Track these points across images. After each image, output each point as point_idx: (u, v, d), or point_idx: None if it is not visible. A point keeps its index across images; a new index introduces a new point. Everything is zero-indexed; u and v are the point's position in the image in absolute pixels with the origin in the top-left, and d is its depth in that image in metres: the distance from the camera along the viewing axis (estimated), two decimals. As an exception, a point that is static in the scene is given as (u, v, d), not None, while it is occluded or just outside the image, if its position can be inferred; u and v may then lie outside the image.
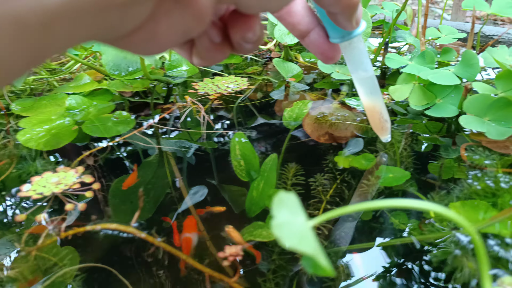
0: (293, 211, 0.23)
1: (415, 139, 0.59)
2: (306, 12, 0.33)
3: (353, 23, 0.30)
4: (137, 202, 0.49)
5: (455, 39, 0.85)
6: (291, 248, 0.19)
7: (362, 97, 0.50)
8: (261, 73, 0.93)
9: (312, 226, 0.22)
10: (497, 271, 0.35)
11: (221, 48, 0.25)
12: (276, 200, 0.22)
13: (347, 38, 0.35)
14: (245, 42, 0.25)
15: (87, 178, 0.53)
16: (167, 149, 0.61)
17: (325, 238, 0.43)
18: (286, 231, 0.20)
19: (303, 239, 0.20)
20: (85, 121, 0.69)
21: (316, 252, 0.20)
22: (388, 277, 0.37)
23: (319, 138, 0.61)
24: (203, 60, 0.26)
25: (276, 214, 0.22)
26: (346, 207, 0.23)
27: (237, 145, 0.60)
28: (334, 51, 0.34)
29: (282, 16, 0.33)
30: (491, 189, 0.46)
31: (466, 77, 0.60)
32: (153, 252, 0.41)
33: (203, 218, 0.46)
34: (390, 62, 0.72)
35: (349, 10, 0.28)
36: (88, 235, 0.44)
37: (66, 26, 0.16)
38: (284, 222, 0.21)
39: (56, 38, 0.16)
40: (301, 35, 0.33)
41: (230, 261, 0.39)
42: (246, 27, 0.24)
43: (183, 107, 0.74)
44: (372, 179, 0.51)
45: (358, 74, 0.45)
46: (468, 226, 0.20)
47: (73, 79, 0.88)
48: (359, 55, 0.42)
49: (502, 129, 0.55)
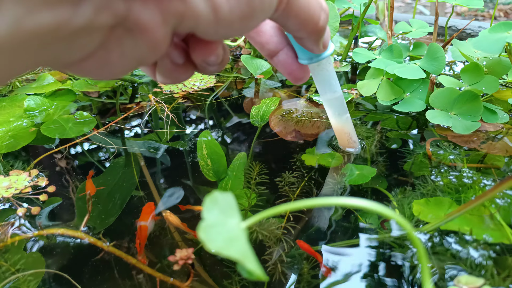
0: (226, 212, 0.21)
1: (385, 135, 0.58)
2: (275, 32, 0.32)
3: (320, 47, 0.30)
4: (104, 205, 0.46)
5: (425, 33, 0.84)
6: (217, 252, 0.17)
7: (331, 118, 0.49)
8: (231, 70, 0.92)
9: (245, 227, 0.21)
10: (456, 269, 0.34)
11: (184, 69, 0.24)
12: (208, 200, 0.21)
13: (316, 60, 0.34)
14: (207, 65, 0.24)
15: (42, 181, 0.50)
16: (133, 150, 0.58)
17: (294, 239, 0.41)
18: (213, 234, 0.19)
19: (232, 243, 0.18)
20: (44, 122, 0.66)
21: (245, 256, 0.18)
22: (345, 278, 0.35)
23: (286, 136, 0.60)
24: (167, 79, 0.25)
25: (206, 215, 0.20)
26: (279, 207, 0.21)
27: (203, 144, 0.58)
28: (303, 72, 0.34)
29: (250, 35, 0.32)
30: (454, 185, 0.45)
31: (432, 71, 0.59)
32: (102, 256, 0.39)
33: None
34: (357, 56, 0.70)
35: (315, 35, 0.28)
36: (41, 240, 0.41)
37: (6, 58, 0.15)
38: (213, 224, 0.19)
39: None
40: (269, 54, 0.33)
41: (180, 265, 0.37)
42: (207, 52, 0.23)
43: (147, 106, 0.71)
44: (337, 177, 0.49)
45: (327, 95, 0.44)
46: (404, 223, 0.18)
47: (36, 80, 0.85)
48: (327, 76, 0.41)
49: (468, 123, 0.54)
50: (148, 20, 0.17)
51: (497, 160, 0.50)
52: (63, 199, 0.48)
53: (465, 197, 0.43)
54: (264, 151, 0.57)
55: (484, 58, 0.63)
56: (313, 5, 0.25)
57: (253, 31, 0.32)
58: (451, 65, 0.85)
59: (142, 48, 0.18)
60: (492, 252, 0.36)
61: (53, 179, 0.52)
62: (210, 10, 0.18)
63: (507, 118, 0.58)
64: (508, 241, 0.36)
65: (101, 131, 0.64)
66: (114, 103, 0.77)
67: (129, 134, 0.64)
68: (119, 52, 0.18)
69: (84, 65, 0.18)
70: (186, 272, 0.37)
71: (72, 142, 0.61)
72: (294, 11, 0.24)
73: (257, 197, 0.47)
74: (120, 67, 0.19)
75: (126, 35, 0.18)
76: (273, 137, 0.60)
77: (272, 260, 0.38)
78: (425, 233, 0.38)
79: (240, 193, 0.48)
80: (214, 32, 0.20)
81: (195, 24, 0.19)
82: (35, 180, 0.51)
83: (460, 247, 0.37)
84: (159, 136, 0.62)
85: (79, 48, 0.17)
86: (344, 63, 0.88)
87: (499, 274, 0.33)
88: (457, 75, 0.78)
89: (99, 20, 0.16)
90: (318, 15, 0.26)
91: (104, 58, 0.18)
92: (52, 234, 0.41)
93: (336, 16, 0.73)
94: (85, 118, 0.67)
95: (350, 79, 0.83)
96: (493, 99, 0.66)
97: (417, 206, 0.42)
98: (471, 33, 1.00)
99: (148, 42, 0.18)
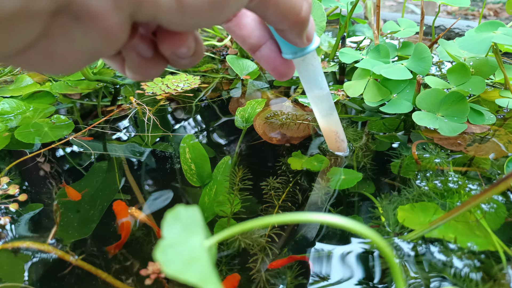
0: (189, 228, 0.19)
1: (372, 137, 0.57)
2: (257, 25, 0.31)
3: (303, 40, 0.28)
4: (85, 212, 0.45)
5: (413, 33, 0.83)
6: (173, 277, 0.16)
7: (318, 117, 0.47)
8: (218, 71, 0.90)
9: (209, 246, 0.19)
10: (440, 280, 0.33)
11: (153, 63, 0.22)
12: (169, 215, 0.19)
13: (300, 54, 0.33)
14: (178, 58, 0.22)
15: (12, 189, 0.48)
16: (116, 154, 0.57)
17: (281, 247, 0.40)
18: (171, 255, 0.17)
19: (192, 264, 0.17)
20: (18, 126, 0.64)
21: (205, 280, 0.16)
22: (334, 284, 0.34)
23: (271, 139, 0.58)
24: (136, 75, 0.23)
25: (166, 233, 0.18)
26: (247, 223, 0.20)
27: (187, 148, 0.56)
28: (287, 67, 0.32)
29: (230, 28, 0.31)
30: (440, 190, 0.44)
31: (419, 71, 0.58)
32: (71, 270, 0.37)
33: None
34: (344, 56, 0.69)
35: (297, 27, 0.26)
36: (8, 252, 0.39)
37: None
38: (173, 243, 0.18)
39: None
40: (251, 48, 0.31)
41: (152, 279, 0.35)
42: (176, 44, 0.21)
43: (129, 109, 0.70)
44: (322, 182, 0.48)
45: (313, 92, 0.42)
46: (373, 236, 0.17)
47: (14, 81, 0.82)
48: (313, 72, 0.39)
49: (454, 125, 0.53)
50: (97, 6, 0.16)
51: (483, 162, 0.49)
52: (44, 207, 0.47)
53: (451, 202, 0.41)
54: (249, 154, 0.56)
55: (471, 58, 0.62)
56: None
57: (233, 24, 0.30)
58: (439, 65, 0.84)
59: (94, 38, 0.17)
60: (477, 262, 0.35)
61: (29, 186, 0.50)
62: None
63: (494, 119, 0.57)
64: (493, 248, 0.35)
65: (79, 135, 0.62)
66: (97, 106, 0.75)
67: (112, 137, 0.62)
68: (67, 43, 0.17)
69: (28, 56, 0.17)
70: (160, 285, 0.36)
71: (48, 147, 0.59)
72: (273, 1, 0.22)
73: (241, 203, 0.45)
74: (71, 60, 0.18)
75: (73, 23, 0.16)
76: (258, 140, 0.59)
77: (256, 268, 0.37)
78: (409, 242, 0.37)
79: (224, 199, 0.46)
80: (180, 22, 0.18)
81: (156, 12, 0.17)
82: (4, 189, 0.49)
83: (445, 256, 0.36)
84: (142, 139, 0.61)
85: (16, 37, 0.15)
86: (332, 63, 0.86)
87: (484, 283, 0.32)
88: (444, 75, 0.77)
89: (36, 5, 0.14)
90: (299, 5, 0.24)
91: (49, 49, 0.17)
92: (18, 247, 0.39)
93: (323, 15, 0.71)
94: (63, 122, 0.65)
95: (338, 79, 0.81)
96: (480, 100, 0.65)
97: (402, 212, 0.41)
98: (460, 32, 0.99)
99: (100, 32, 0.17)
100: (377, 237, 0.18)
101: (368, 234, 0.18)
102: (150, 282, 0.35)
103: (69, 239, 0.41)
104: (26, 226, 0.43)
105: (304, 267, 0.36)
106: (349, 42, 1.01)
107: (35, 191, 0.49)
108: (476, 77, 0.57)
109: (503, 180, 0.27)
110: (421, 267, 0.35)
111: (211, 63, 0.96)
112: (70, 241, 0.41)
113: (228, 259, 0.38)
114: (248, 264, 0.37)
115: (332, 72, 0.84)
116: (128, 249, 0.40)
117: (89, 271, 0.37)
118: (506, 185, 0.27)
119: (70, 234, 0.42)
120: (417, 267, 0.34)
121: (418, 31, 0.80)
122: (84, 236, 0.42)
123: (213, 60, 0.98)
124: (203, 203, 0.46)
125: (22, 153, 0.58)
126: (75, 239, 0.41)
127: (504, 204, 0.41)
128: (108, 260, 0.38)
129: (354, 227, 0.18)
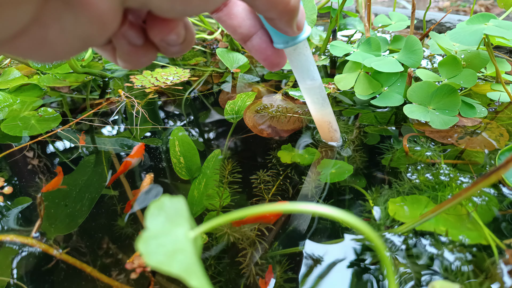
0: (173, 220, 0.19)
1: (363, 130, 0.57)
2: (248, 15, 0.30)
3: (293, 29, 0.28)
4: (72, 205, 0.44)
5: (404, 26, 0.83)
6: (156, 268, 0.15)
7: (311, 107, 0.46)
8: (208, 64, 0.89)
9: (194, 237, 0.18)
10: (431, 274, 0.33)
11: (144, 51, 0.22)
12: (152, 206, 0.18)
13: (292, 43, 0.32)
14: (168, 45, 0.22)
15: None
16: (105, 148, 0.55)
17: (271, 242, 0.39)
18: (154, 246, 0.16)
19: (176, 255, 0.16)
20: (5, 119, 0.63)
21: (189, 272, 0.16)
22: (317, 279, 0.34)
23: (262, 132, 0.58)
24: (127, 63, 0.23)
25: (149, 224, 0.18)
26: (229, 215, 0.19)
27: (176, 141, 0.55)
28: (279, 57, 0.32)
29: (221, 18, 0.30)
30: (431, 182, 0.44)
31: (410, 64, 0.58)
32: (54, 264, 0.36)
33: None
34: (334, 49, 0.68)
35: (287, 15, 0.25)
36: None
37: None
38: (156, 234, 0.17)
39: None
40: (242, 38, 0.31)
41: (138, 273, 0.35)
42: (166, 30, 0.21)
43: (117, 102, 0.68)
44: (312, 175, 0.47)
45: (306, 83, 0.42)
46: (364, 228, 0.17)
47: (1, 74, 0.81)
48: (305, 61, 0.39)
49: (446, 117, 0.53)
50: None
51: (475, 155, 0.49)
52: (31, 200, 0.46)
53: (442, 195, 0.41)
54: (239, 147, 0.55)
55: (462, 51, 0.61)
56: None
57: (223, 13, 0.30)
58: (430, 59, 0.84)
59: (85, 24, 0.16)
60: (469, 254, 0.34)
61: (16, 179, 0.49)
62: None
63: (486, 112, 0.57)
64: (485, 241, 0.35)
65: (66, 128, 0.60)
66: (85, 99, 0.74)
67: (100, 131, 0.61)
68: (58, 29, 0.16)
69: (19, 43, 0.16)
70: (147, 278, 0.35)
71: (35, 140, 0.57)
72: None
73: (230, 197, 0.45)
74: (63, 47, 0.17)
75: (64, 8, 0.16)
76: (248, 133, 0.58)
77: (246, 262, 0.36)
78: (400, 235, 0.36)
79: (213, 193, 0.46)
80: (170, 8, 0.18)
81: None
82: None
83: (436, 249, 0.35)
84: (131, 133, 0.60)
85: (8, 23, 0.15)
86: (323, 56, 0.86)
87: (476, 277, 0.32)
88: (436, 69, 0.77)
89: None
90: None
91: (41, 35, 0.16)
92: (1, 241, 0.38)
93: (313, 8, 0.71)
94: (50, 115, 0.63)
95: (329, 73, 0.81)
96: (471, 93, 0.65)
97: (393, 206, 0.40)
98: (451, 26, 0.99)
99: (91, 17, 0.16)
100: (368, 230, 0.18)
101: (358, 226, 0.18)
102: (135, 276, 0.34)
103: (54, 233, 0.40)
104: (13, 219, 0.42)
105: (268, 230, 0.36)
106: (340, 35, 1.01)
107: (22, 184, 0.48)
108: (467, 70, 0.57)
109: (494, 172, 0.27)
110: (412, 261, 0.34)
111: (201, 56, 0.95)
112: (55, 235, 0.40)
113: (218, 253, 0.38)
114: (238, 258, 0.37)
115: (323, 66, 0.84)
116: (116, 243, 0.39)
117: (74, 265, 0.36)
118: (498, 176, 0.27)
119: (57, 228, 0.41)
120: (408, 260, 0.34)
121: (409, 24, 0.79)
122: (71, 231, 0.41)
123: (204, 54, 0.97)
124: (192, 197, 0.46)
125: (9, 146, 0.57)
126: (61, 233, 0.40)
127: (495, 197, 0.41)
128: (95, 254, 0.37)
129: (344, 218, 0.18)
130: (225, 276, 0.35)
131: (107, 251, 0.38)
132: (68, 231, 0.40)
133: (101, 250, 0.38)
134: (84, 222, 0.42)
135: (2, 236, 0.38)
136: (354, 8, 1.03)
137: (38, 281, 0.35)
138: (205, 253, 0.37)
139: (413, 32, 0.60)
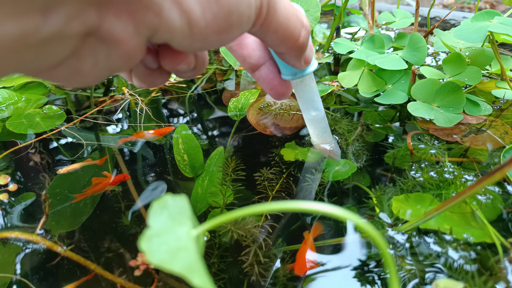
0: (176, 218, 0.19)
1: (367, 128, 0.56)
2: (258, 46, 0.31)
3: (301, 63, 0.29)
4: (81, 202, 0.44)
5: (409, 23, 0.83)
6: (158, 266, 0.15)
7: (313, 137, 0.47)
8: (212, 62, 0.89)
9: (197, 235, 0.18)
10: (435, 272, 0.33)
11: (159, 73, 0.24)
12: (155, 204, 0.18)
13: (299, 76, 0.34)
14: (179, 72, 0.24)
15: (2, 179, 0.47)
16: (109, 145, 0.56)
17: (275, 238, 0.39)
18: (156, 244, 0.17)
19: (178, 254, 0.16)
20: (10, 117, 0.63)
21: (191, 270, 0.16)
22: (321, 277, 0.34)
23: (265, 130, 0.57)
24: (143, 83, 0.25)
25: (152, 222, 0.18)
26: (227, 214, 0.19)
27: (180, 139, 0.56)
28: (285, 87, 0.33)
29: (232, 47, 0.32)
30: (435, 180, 0.43)
31: (414, 62, 0.57)
32: (59, 261, 0.36)
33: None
34: (338, 47, 0.68)
35: (296, 51, 0.27)
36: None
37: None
38: (159, 232, 0.17)
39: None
40: (251, 68, 0.32)
41: (141, 270, 0.35)
42: (177, 60, 0.23)
43: (121, 99, 0.69)
44: (316, 173, 0.47)
45: (309, 113, 0.43)
46: (366, 226, 0.17)
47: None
48: (310, 92, 0.40)
49: (450, 115, 0.53)
50: (121, 32, 0.17)
51: (479, 153, 0.48)
52: (36, 196, 0.46)
53: (446, 193, 0.41)
54: (242, 145, 0.55)
55: (467, 49, 0.61)
56: (293, 22, 0.25)
57: (235, 43, 0.31)
58: (434, 56, 0.84)
59: (115, 58, 0.18)
60: (473, 253, 0.34)
61: (21, 176, 0.49)
62: (185, 24, 0.18)
63: (490, 110, 0.57)
64: (490, 239, 0.35)
65: (71, 126, 0.61)
66: (89, 97, 0.74)
67: (105, 128, 0.62)
68: (92, 62, 0.18)
69: (56, 72, 0.18)
70: (150, 275, 0.35)
71: (40, 137, 0.58)
72: (272, 27, 0.24)
73: (234, 194, 0.45)
74: (93, 76, 0.19)
75: (99, 44, 0.17)
76: (252, 131, 0.58)
77: (249, 261, 0.36)
78: (403, 233, 0.36)
79: (217, 190, 0.46)
80: (189, 45, 0.20)
81: (170, 37, 0.19)
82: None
83: (440, 247, 0.35)
84: (135, 130, 0.60)
85: (49, 56, 0.16)
86: (327, 54, 0.85)
87: (480, 275, 0.32)
88: (440, 66, 0.77)
89: (70, 29, 0.16)
90: (298, 32, 0.26)
91: (76, 67, 0.18)
92: (6, 237, 0.38)
93: (317, 5, 0.70)
94: (55, 112, 0.64)
95: (333, 70, 0.80)
96: (476, 90, 0.65)
97: (397, 203, 0.40)
98: (455, 24, 0.98)
99: (121, 53, 0.18)
100: (370, 228, 0.18)
101: (361, 224, 0.18)
102: (139, 273, 0.35)
103: (59, 229, 0.40)
104: (18, 216, 0.43)
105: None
106: (344, 33, 1.00)
107: (27, 181, 0.48)
108: (472, 67, 0.56)
109: (499, 169, 0.26)
110: (416, 259, 0.34)
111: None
112: (59, 232, 0.40)
113: (220, 251, 0.38)
114: (240, 256, 0.37)
115: (327, 63, 0.84)
116: (120, 241, 0.39)
117: (78, 262, 0.36)
118: (502, 174, 0.27)
119: (61, 225, 0.41)
120: (412, 258, 0.34)
121: (413, 22, 0.79)
122: (74, 228, 0.41)
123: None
124: (196, 194, 0.46)
125: (14, 144, 0.57)
126: (65, 230, 0.40)
127: (500, 195, 0.41)
128: (99, 251, 0.38)
129: (348, 216, 0.18)
130: (229, 274, 0.35)
131: (111, 248, 0.38)
132: (71, 228, 0.41)
133: (104, 247, 0.38)
134: (87, 219, 0.42)
135: (7, 233, 0.38)
136: (357, 6, 1.02)
137: (42, 278, 0.35)
138: (207, 250, 0.37)
139: (417, 29, 0.60)
